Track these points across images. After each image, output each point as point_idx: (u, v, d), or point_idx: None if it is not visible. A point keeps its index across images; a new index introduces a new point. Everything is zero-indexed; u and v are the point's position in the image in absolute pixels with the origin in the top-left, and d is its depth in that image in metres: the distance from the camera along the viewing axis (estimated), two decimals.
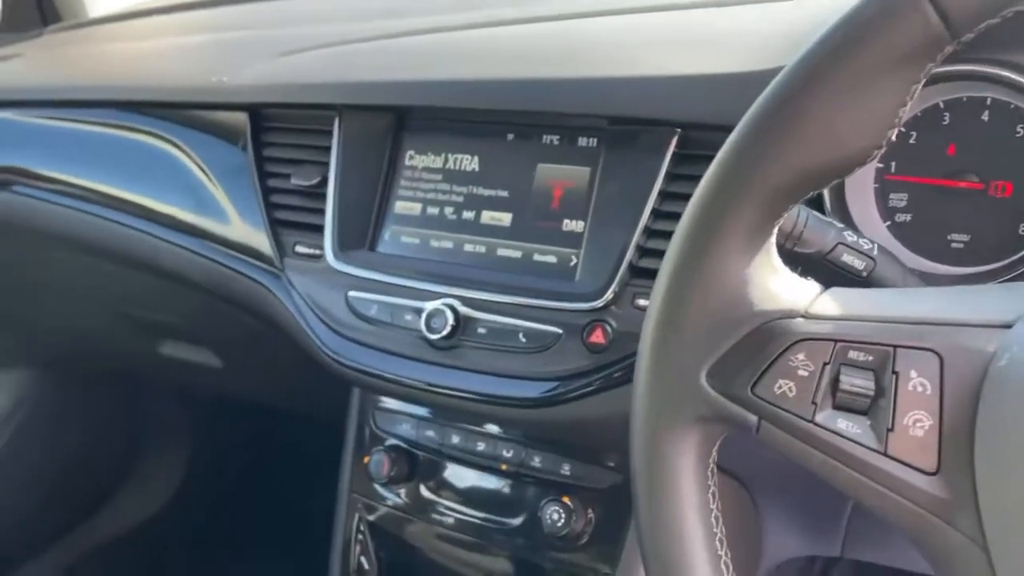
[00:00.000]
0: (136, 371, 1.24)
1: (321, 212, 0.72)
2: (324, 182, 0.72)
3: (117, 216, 0.84)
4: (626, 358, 0.59)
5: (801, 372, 0.36)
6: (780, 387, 0.37)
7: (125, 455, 1.33)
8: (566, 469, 0.66)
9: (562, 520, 0.64)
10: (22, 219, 0.92)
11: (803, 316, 0.37)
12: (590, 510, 0.65)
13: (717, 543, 0.39)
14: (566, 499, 0.65)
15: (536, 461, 0.67)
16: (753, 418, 0.37)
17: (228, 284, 0.78)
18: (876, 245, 0.48)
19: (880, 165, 0.60)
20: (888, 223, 0.58)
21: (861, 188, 0.59)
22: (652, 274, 0.43)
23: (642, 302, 0.59)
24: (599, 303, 0.60)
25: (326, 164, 0.72)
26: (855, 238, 0.47)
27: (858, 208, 0.58)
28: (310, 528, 0.82)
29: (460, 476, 0.71)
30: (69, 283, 0.99)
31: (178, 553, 1.33)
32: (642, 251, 0.59)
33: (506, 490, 0.69)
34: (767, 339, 0.37)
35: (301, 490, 1.19)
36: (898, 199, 0.60)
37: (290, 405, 1.08)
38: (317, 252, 0.72)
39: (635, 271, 0.60)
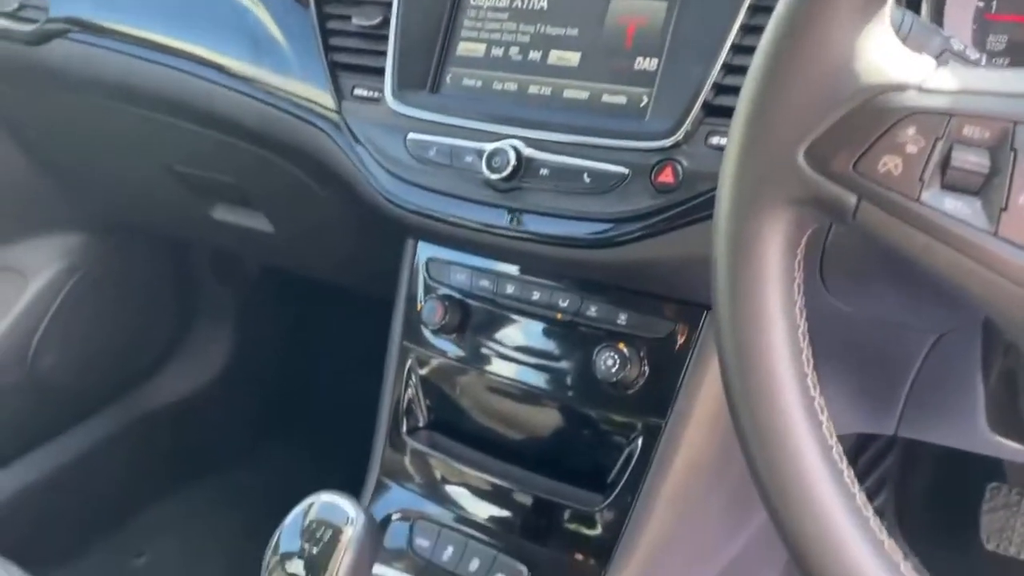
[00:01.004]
0: (188, 239, 1.25)
1: (382, 54, 0.70)
2: (385, 22, 0.70)
3: (173, 62, 0.83)
4: (695, 198, 0.57)
5: (910, 148, 0.34)
6: (885, 164, 0.35)
7: (174, 329, 1.35)
8: (622, 318, 0.65)
9: (616, 366, 0.63)
10: (78, 68, 0.91)
11: (917, 89, 0.35)
12: (644, 360, 0.64)
13: (800, 335, 0.37)
14: (621, 345, 0.63)
15: (592, 310, 0.66)
16: (852, 199, 0.35)
17: (284, 130, 0.77)
18: (983, 56, 0.45)
19: (980, 3, 0.56)
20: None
21: (959, 28, 0.56)
22: (728, 112, 0.41)
23: (716, 140, 0.57)
24: (670, 141, 0.58)
25: (388, 4, 0.70)
26: (962, 47, 0.44)
27: None
28: (356, 408, 0.83)
29: (513, 326, 0.70)
30: (124, 138, 0.99)
31: (222, 428, 1.35)
32: (719, 88, 0.57)
33: (560, 340, 0.68)
34: (875, 113, 0.35)
35: (347, 370, 1.20)
36: (996, 41, 0.56)
37: (339, 277, 1.08)
38: (376, 95, 0.70)
39: (710, 109, 0.57)
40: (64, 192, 1.16)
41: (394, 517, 0.71)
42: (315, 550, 0.52)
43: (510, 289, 0.70)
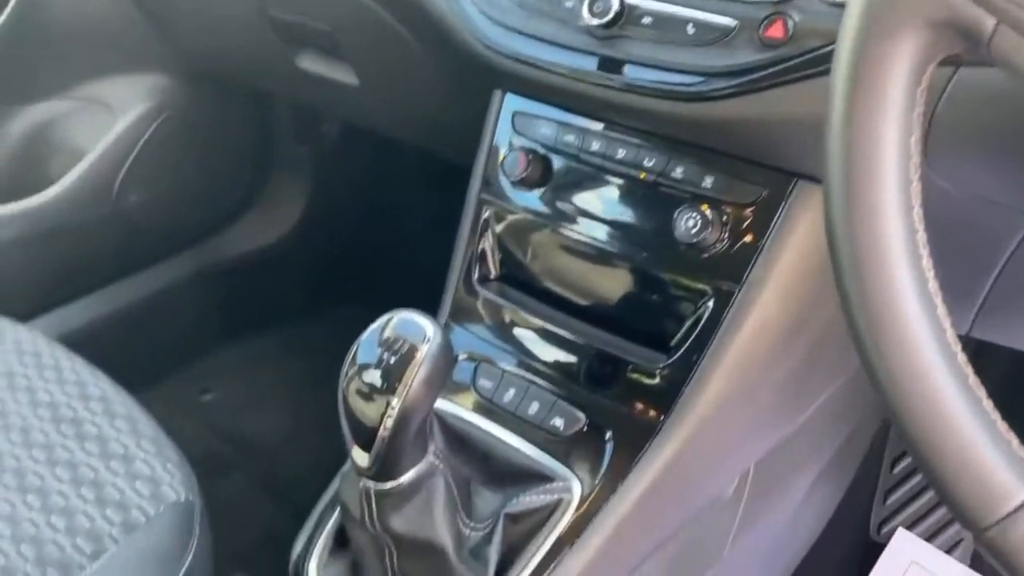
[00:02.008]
0: (272, 91, 1.27)
1: None
2: None
3: None
4: (802, 55, 0.55)
5: None
6: None
7: (250, 182, 1.38)
8: (708, 181, 0.64)
9: (697, 227, 0.62)
10: None
11: None
12: (726, 224, 0.63)
13: (912, 167, 0.36)
14: (704, 207, 0.63)
15: (677, 171, 0.65)
16: (990, 22, 0.34)
17: None
18: None
19: None
20: None
21: None
22: None
23: None
24: None
25: None
26: None
27: None
28: (424, 272, 0.84)
29: (594, 183, 0.70)
30: None
31: (291, 282, 1.40)
32: None
33: (640, 200, 0.68)
34: None
35: (418, 234, 1.22)
36: None
37: (418, 138, 1.08)
38: None
39: None
40: (157, 32, 1.17)
41: (460, 357, 0.73)
42: (392, 361, 0.54)
43: (595, 145, 0.69)
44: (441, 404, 0.70)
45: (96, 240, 1.22)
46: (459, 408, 0.70)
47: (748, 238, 0.63)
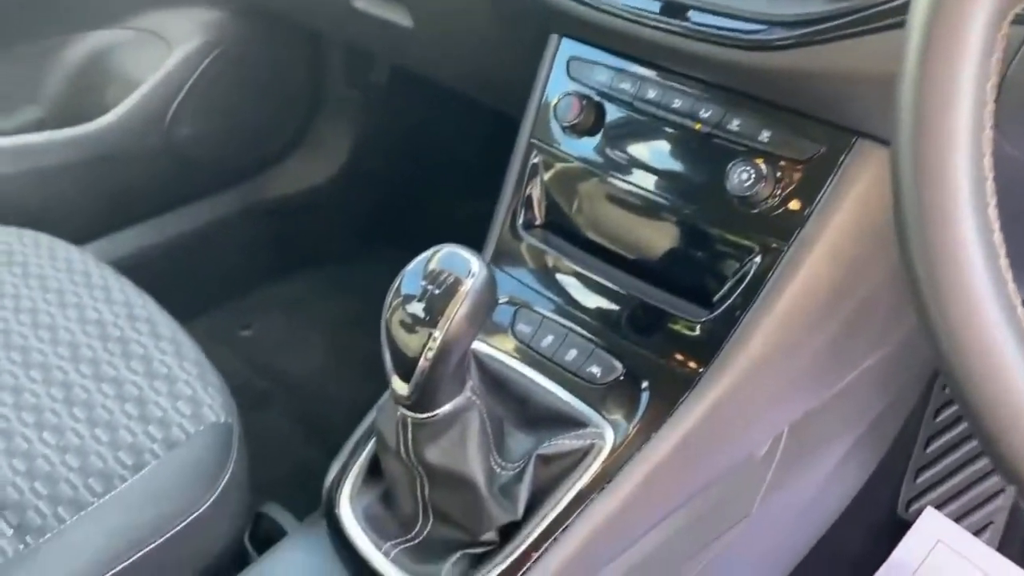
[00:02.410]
0: (325, 30, 1.27)
1: None
2: None
3: None
4: (874, 6, 0.54)
5: None
6: None
7: (300, 123, 1.39)
8: (764, 135, 0.63)
9: (750, 181, 0.61)
10: None
11: None
12: (780, 180, 0.62)
13: (986, 115, 0.35)
14: (759, 161, 0.62)
15: (734, 123, 0.64)
16: None
17: None
18: None
19: None
20: None
21: None
22: None
23: None
24: None
25: None
26: None
27: None
28: (468, 219, 0.84)
29: (647, 132, 0.69)
30: None
31: (335, 224, 1.41)
32: None
33: (693, 151, 0.67)
34: None
35: (463, 182, 1.22)
36: None
37: (470, 85, 1.08)
38: None
39: None
40: None
41: (500, 301, 0.73)
42: (436, 294, 0.54)
43: (651, 93, 0.68)
44: (479, 346, 0.70)
45: (147, 170, 1.24)
46: (497, 351, 0.70)
47: (801, 195, 0.62)
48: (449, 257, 0.55)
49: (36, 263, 0.88)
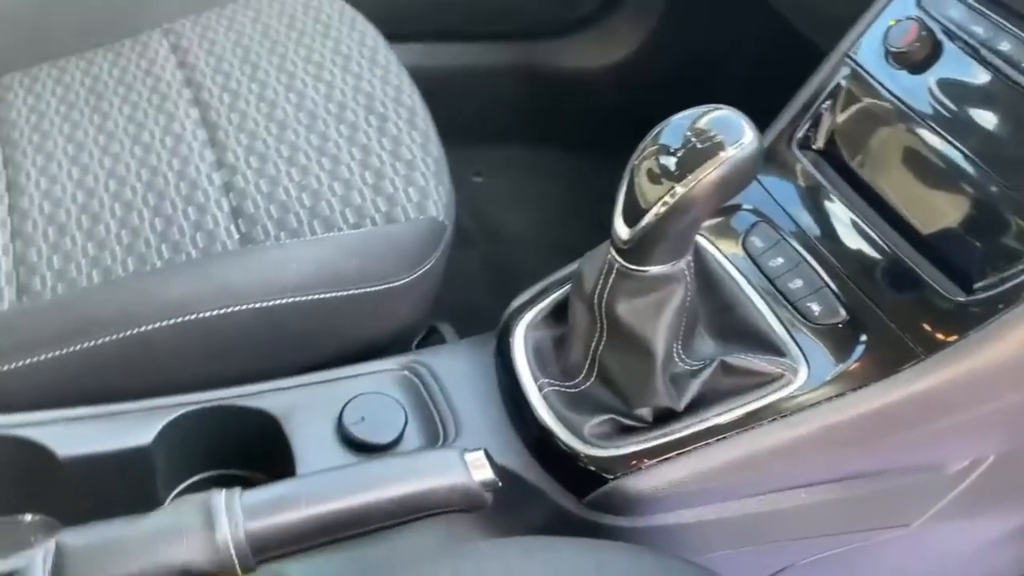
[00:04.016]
0: None
1: None
2: None
3: None
4: None
5: None
6: None
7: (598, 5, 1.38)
8: None
9: None
10: None
11: None
12: None
13: None
14: None
15: None
16: None
17: None
18: None
19: None
20: None
21: None
22: None
23: None
24: None
25: None
26: None
27: None
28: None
29: (984, 87, 0.62)
30: None
31: (605, 108, 1.40)
32: None
33: None
34: None
35: (746, 99, 1.16)
36: None
37: (795, 15, 1.01)
38: None
39: None
40: None
41: (743, 207, 0.69)
42: (694, 149, 0.52)
43: (1005, 46, 0.60)
44: (703, 242, 0.68)
45: None
46: (719, 253, 0.67)
47: None
48: (723, 119, 0.53)
49: (337, 27, 0.94)
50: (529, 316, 0.67)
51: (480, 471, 0.52)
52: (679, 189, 0.52)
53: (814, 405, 0.59)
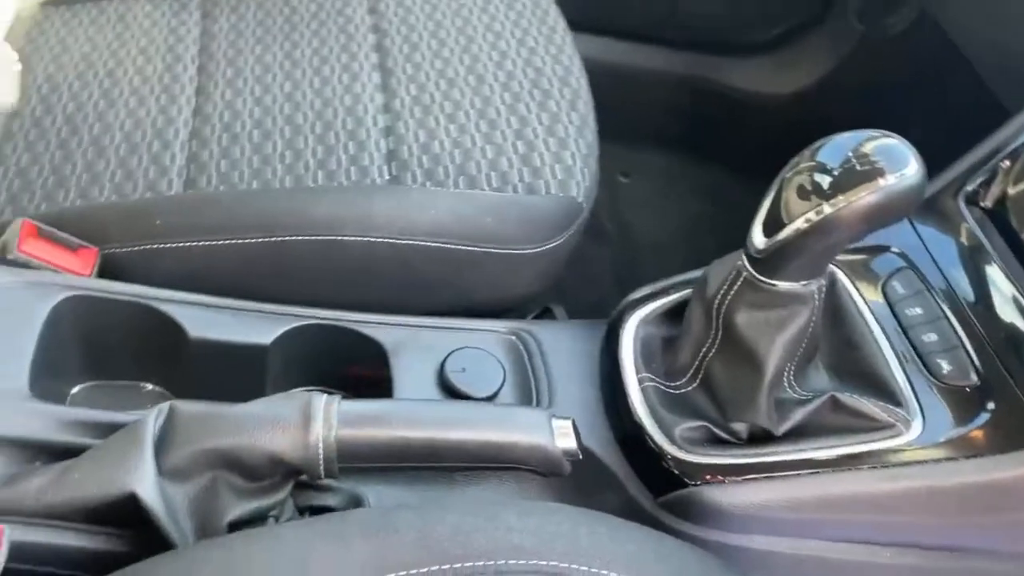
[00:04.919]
0: None
1: None
2: None
3: None
4: None
5: None
6: None
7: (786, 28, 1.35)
8: None
9: None
10: None
11: None
12: None
13: None
14: None
15: None
16: None
17: None
18: None
19: None
20: None
21: None
22: None
23: None
24: None
25: None
26: None
27: None
28: None
29: None
30: None
31: (764, 136, 1.37)
32: None
33: None
34: None
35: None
36: None
37: (991, 60, 0.96)
38: None
39: None
40: None
41: (891, 249, 0.67)
42: (851, 171, 0.50)
43: None
44: (842, 277, 0.65)
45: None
46: (856, 291, 0.65)
47: None
48: (890, 147, 0.51)
49: (522, 2, 0.97)
50: (645, 310, 0.67)
51: (564, 439, 0.53)
52: (827, 208, 0.50)
53: (921, 463, 0.56)
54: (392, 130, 0.81)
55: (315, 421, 0.50)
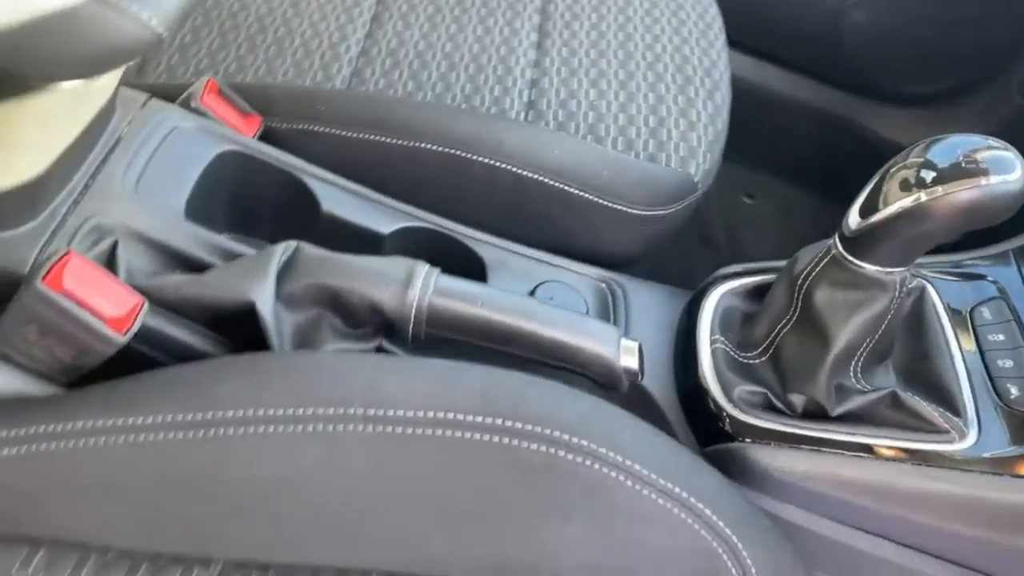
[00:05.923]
0: None
1: None
2: None
3: None
4: None
5: None
6: None
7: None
8: None
9: None
10: None
11: None
12: None
13: None
14: None
15: None
16: None
17: None
18: None
19: None
20: None
21: None
22: None
23: None
24: None
25: None
26: None
27: None
28: None
29: None
30: None
31: None
32: None
33: None
34: None
35: None
36: None
37: None
38: None
39: None
40: None
41: (988, 278, 0.67)
42: (956, 167, 0.52)
43: None
44: (932, 292, 0.67)
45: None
46: (943, 308, 0.66)
47: None
48: (1001, 155, 0.53)
49: None
50: (732, 284, 0.71)
51: (628, 356, 0.57)
52: (923, 196, 0.53)
53: (967, 471, 0.57)
54: (537, 83, 0.87)
55: (415, 283, 0.56)
